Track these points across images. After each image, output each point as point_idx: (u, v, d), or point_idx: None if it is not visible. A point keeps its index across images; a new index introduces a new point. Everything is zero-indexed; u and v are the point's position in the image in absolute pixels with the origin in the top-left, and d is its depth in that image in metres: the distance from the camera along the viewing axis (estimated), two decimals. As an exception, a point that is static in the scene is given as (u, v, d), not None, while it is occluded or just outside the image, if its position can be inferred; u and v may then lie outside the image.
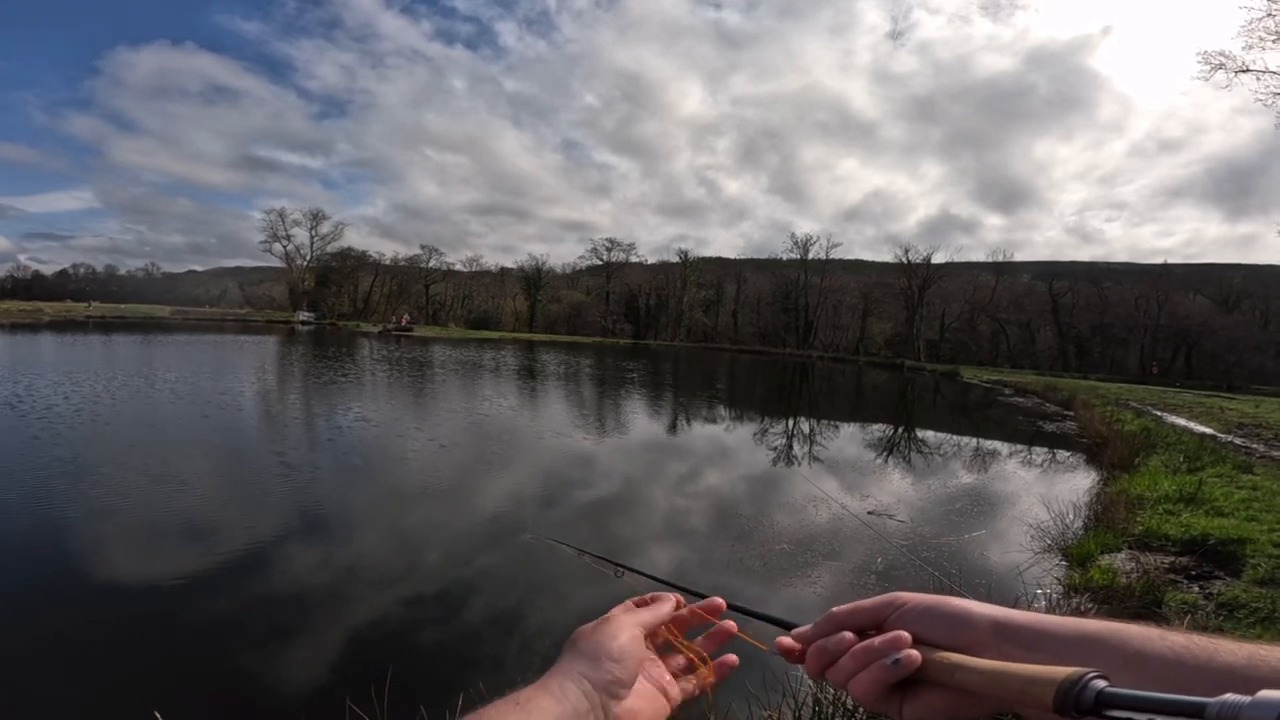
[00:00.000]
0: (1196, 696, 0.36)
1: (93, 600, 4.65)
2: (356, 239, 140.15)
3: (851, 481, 10.21)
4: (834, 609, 0.58)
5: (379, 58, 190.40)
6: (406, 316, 71.95)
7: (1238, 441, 13.15)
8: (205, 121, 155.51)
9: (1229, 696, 0.35)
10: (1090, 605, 4.57)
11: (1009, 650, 0.49)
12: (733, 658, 0.65)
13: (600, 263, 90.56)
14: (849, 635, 0.56)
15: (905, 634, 0.52)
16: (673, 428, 15.67)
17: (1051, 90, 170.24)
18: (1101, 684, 0.41)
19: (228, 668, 3.85)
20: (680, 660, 0.65)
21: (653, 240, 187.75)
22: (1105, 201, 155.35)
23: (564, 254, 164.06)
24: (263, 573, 5.26)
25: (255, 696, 3.62)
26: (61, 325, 45.91)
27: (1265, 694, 0.34)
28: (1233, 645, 0.43)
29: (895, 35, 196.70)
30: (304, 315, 71.99)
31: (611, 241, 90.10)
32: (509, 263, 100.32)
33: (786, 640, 0.59)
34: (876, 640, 0.53)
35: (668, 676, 0.62)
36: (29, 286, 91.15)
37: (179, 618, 4.43)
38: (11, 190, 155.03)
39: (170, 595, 4.75)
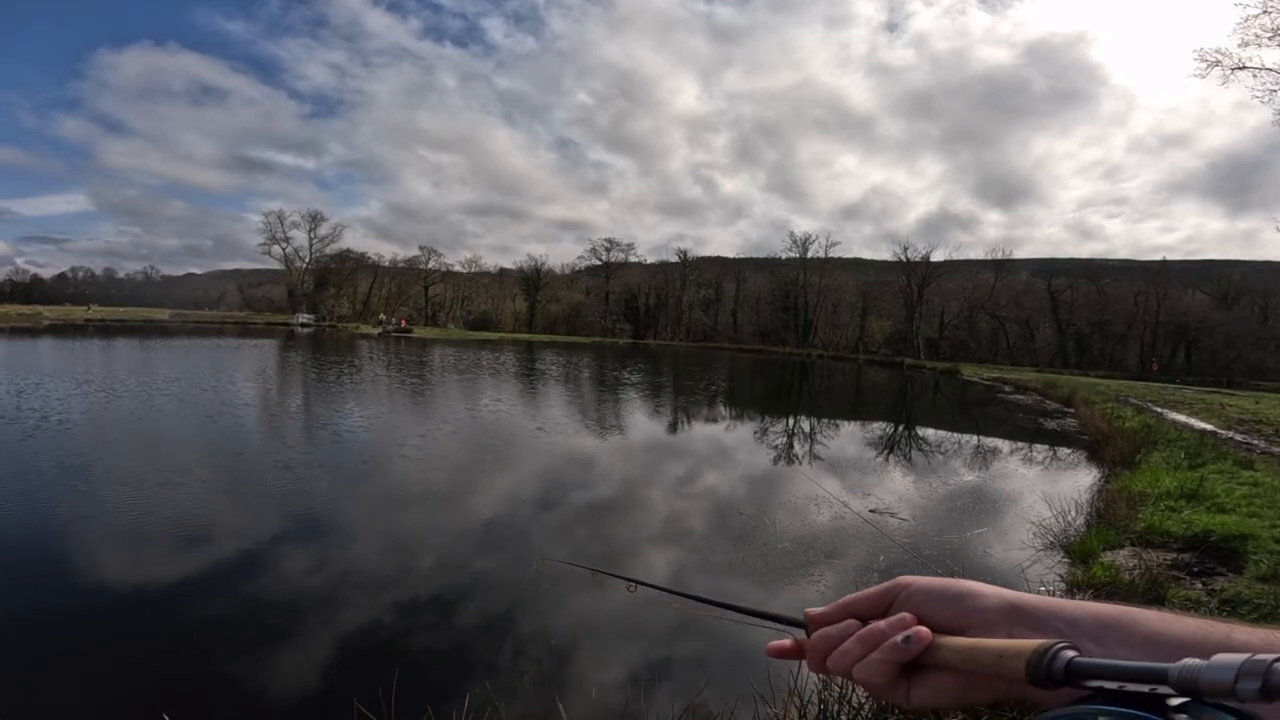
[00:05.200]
0: (1160, 663, 0.37)
1: (102, 605, 4.66)
2: (353, 240, 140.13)
3: (853, 480, 10.21)
4: (845, 597, 0.58)
5: (367, 56, 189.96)
6: (402, 319, 71.77)
7: (1238, 438, 13.17)
8: (194, 122, 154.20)
9: (1188, 660, 0.36)
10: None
11: (1019, 632, 0.48)
12: None
13: (599, 263, 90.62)
14: (834, 629, 0.55)
15: (910, 615, 0.51)
16: (673, 428, 15.67)
17: (1051, 84, 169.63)
18: (1071, 654, 0.42)
19: (237, 670, 3.85)
20: None
21: (651, 240, 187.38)
22: (1107, 197, 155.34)
23: (562, 254, 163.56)
24: (269, 580, 5.28)
25: (263, 698, 3.62)
26: (61, 329, 45.88)
27: (1220, 657, 0.35)
28: (1247, 628, 0.43)
29: (891, 27, 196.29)
30: (303, 317, 71.91)
31: (610, 241, 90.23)
32: (507, 263, 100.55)
33: (778, 644, 0.59)
34: (883, 623, 0.52)
35: None
36: (27, 290, 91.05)
37: (187, 622, 4.44)
38: (5, 193, 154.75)
39: (178, 600, 4.76)
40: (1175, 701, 0.36)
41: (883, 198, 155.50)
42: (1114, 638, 0.45)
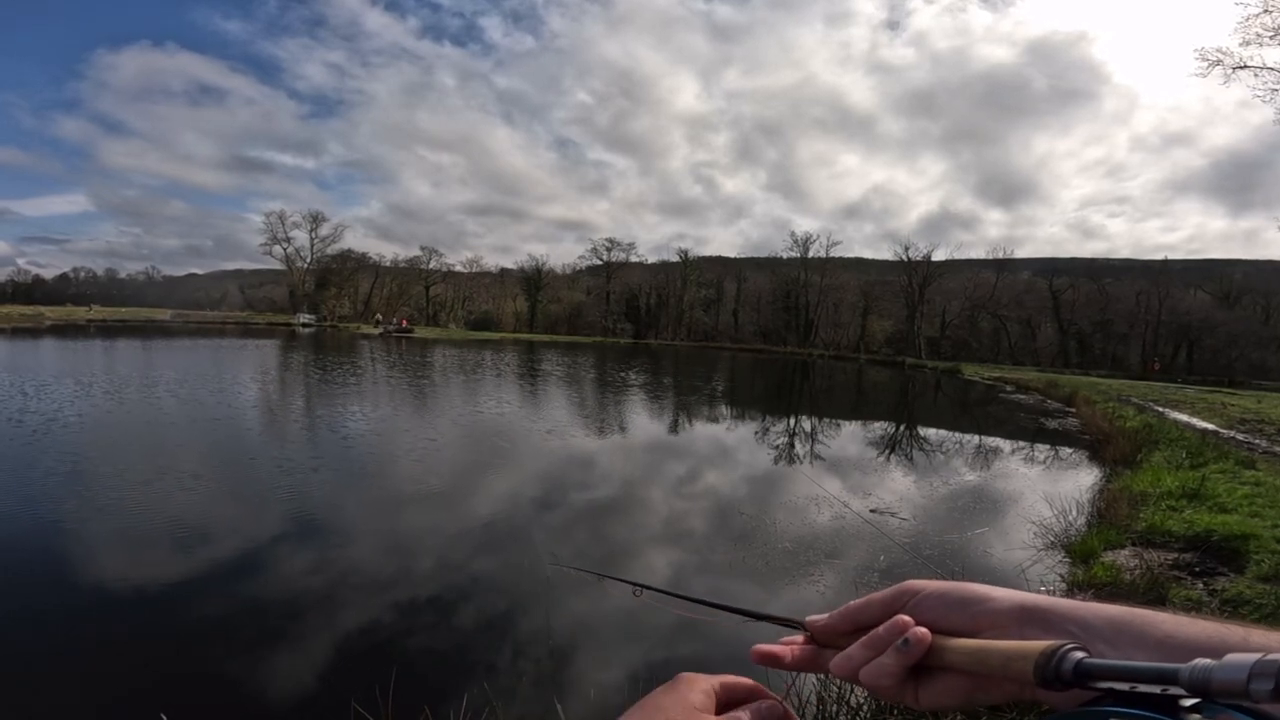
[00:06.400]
0: (1172, 663, 0.37)
1: (102, 605, 4.66)
2: (354, 240, 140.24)
3: (854, 480, 10.20)
4: (849, 603, 0.56)
5: (366, 56, 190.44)
6: (404, 319, 71.79)
7: (1240, 437, 13.16)
8: (193, 122, 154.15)
9: (1199, 661, 0.35)
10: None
11: (1030, 634, 0.47)
12: None
13: (600, 263, 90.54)
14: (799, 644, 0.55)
15: (907, 618, 0.50)
16: (676, 428, 15.67)
17: (1053, 83, 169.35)
18: (1079, 655, 0.41)
19: (236, 670, 3.86)
20: None
21: (652, 239, 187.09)
22: (1109, 196, 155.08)
23: (563, 254, 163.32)
24: (273, 581, 5.29)
25: (261, 697, 3.62)
26: (63, 329, 45.96)
27: (1232, 657, 0.35)
28: (1264, 631, 0.42)
29: (891, 25, 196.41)
30: (305, 318, 71.90)
31: (611, 241, 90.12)
32: (508, 263, 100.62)
33: (764, 649, 0.57)
34: (881, 628, 0.51)
35: None
36: (29, 290, 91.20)
37: (187, 622, 4.45)
38: (5, 193, 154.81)
39: (179, 600, 4.76)
40: (1188, 702, 0.35)
41: (884, 197, 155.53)
42: (1128, 639, 0.44)
